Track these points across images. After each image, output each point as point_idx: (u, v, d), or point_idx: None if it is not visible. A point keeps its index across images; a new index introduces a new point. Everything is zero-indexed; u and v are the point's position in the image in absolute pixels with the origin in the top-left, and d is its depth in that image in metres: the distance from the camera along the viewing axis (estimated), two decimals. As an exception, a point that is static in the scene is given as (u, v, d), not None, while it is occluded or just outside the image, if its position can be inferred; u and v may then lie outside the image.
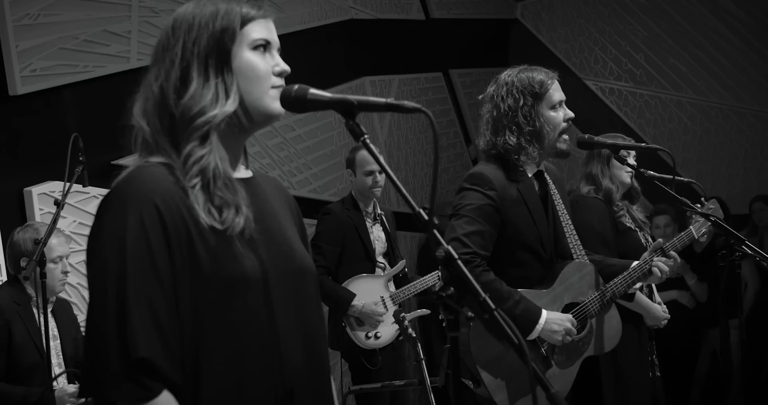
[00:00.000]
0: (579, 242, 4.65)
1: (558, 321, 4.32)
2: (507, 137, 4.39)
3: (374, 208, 6.97)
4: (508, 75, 4.50)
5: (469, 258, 4.19)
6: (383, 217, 6.98)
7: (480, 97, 4.61)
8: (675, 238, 5.07)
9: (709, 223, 5.14)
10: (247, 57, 2.47)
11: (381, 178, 6.80)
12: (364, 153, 6.78)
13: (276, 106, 2.49)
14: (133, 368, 2.22)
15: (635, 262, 4.76)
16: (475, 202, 4.32)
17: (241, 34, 2.48)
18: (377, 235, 6.93)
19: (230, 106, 2.44)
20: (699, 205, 5.15)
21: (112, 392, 2.22)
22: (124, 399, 2.23)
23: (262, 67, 2.48)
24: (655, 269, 4.72)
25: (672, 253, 4.82)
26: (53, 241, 5.41)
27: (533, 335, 4.29)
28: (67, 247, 5.53)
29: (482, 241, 4.28)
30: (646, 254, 4.79)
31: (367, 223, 6.89)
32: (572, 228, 4.65)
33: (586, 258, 4.65)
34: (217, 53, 2.46)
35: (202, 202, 2.37)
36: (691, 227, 5.22)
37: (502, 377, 4.21)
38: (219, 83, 2.44)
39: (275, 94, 2.48)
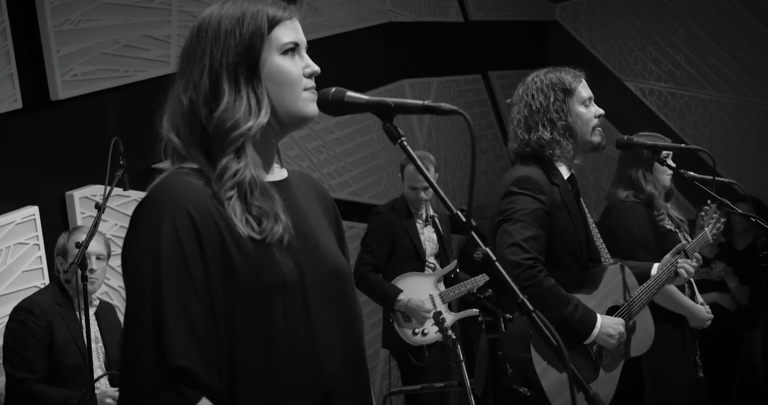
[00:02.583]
0: (604, 245, 4.68)
1: (612, 325, 4.32)
2: (541, 132, 4.40)
3: (426, 210, 7.03)
4: (535, 75, 4.54)
5: (532, 263, 4.18)
6: (436, 220, 7.05)
7: (508, 101, 4.62)
8: (693, 241, 5.10)
9: (720, 225, 5.34)
10: (277, 63, 2.45)
11: (425, 195, 6.88)
12: (411, 168, 6.85)
13: (309, 109, 2.47)
14: (171, 377, 2.22)
15: (656, 265, 4.76)
16: (528, 206, 4.31)
17: (269, 39, 2.45)
18: (428, 236, 7.01)
19: (264, 117, 2.42)
20: (706, 208, 5.22)
21: (150, 402, 2.23)
22: None
23: (293, 71, 2.46)
24: (681, 271, 4.77)
25: (696, 254, 4.85)
26: (82, 237, 5.44)
27: (590, 339, 4.29)
28: (100, 246, 5.51)
29: (539, 245, 4.27)
30: (668, 256, 4.79)
31: (417, 224, 6.98)
32: (597, 230, 4.67)
33: (612, 260, 4.67)
34: (247, 63, 2.43)
35: (240, 212, 2.36)
36: (705, 229, 5.24)
37: (560, 382, 4.21)
38: (250, 94, 2.42)
39: (308, 96, 2.46)
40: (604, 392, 4.43)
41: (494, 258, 2.26)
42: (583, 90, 4.49)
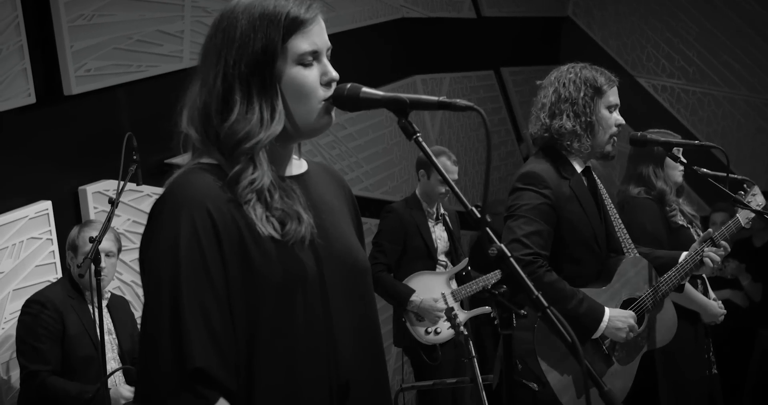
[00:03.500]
0: (628, 236, 4.65)
1: (621, 318, 4.31)
2: (564, 121, 4.37)
3: (437, 208, 7.01)
4: (572, 66, 4.50)
5: (531, 258, 4.18)
6: (446, 217, 7.04)
7: (539, 82, 4.58)
8: (723, 228, 5.04)
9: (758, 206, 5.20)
10: (292, 75, 2.39)
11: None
12: (444, 159, 6.84)
13: (322, 123, 2.44)
14: (188, 378, 2.22)
15: (684, 253, 4.75)
16: (530, 201, 4.30)
17: (285, 49, 2.38)
18: (439, 235, 6.99)
19: (277, 125, 2.37)
20: (742, 192, 5.14)
21: (168, 402, 2.23)
22: None
23: (308, 83, 2.40)
24: (706, 259, 4.72)
25: (722, 242, 4.80)
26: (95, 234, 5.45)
27: (598, 333, 4.28)
28: (109, 244, 5.52)
29: (541, 240, 4.25)
30: (695, 245, 4.77)
31: (429, 222, 6.95)
32: (620, 222, 4.65)
33: (636, 251, 4.65)
34: (260, 75, 2.37)
35: (260, 213, 2.33)
36: (737, 215, 5.19)
37: (568, 378, 4.20)
38: (264, 105, 2.37)
39: (322, 109, 2.42)
40: (619, 385, 4.42)
41: (509, 254, 2.26)
42: (612, 95, 4.46)
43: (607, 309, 4.29)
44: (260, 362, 2.31)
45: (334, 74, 2.44)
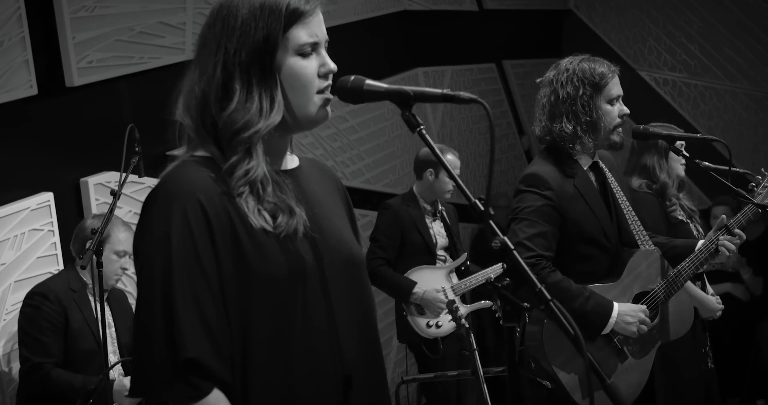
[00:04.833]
0: (642, 228, 4.63)
1: (631, 313, 4.30)
2: (564, 124, 4.36)
3: (434, 204, 6.99)
4: (570, 62, 4.46)
5: (534, 261, 4.18)
6: (443, 213, 7.01)
7: (538, 80, 4.56)
8: (739, 214, 4.98)
9: None
10: (291, 65, 2.40)
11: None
12: (451, 157, 6.81)
13: (319, 114, 2.44)
14: (181, 368, 2.22)
15: (701, 242, 4.72)
16: (533, 203, 4.30)
17: (286, 39, 2.40)
18: (438, 231, 6.97)
19: (276, 116, 2.38)
20: (753, 184, 5.09)
21: (162, 393, 2.24)
22: (175, 399, 2.25)
23: (308, 72, 2.41)
24: (722, 248, 4.67)
25: (737, 230, 4.74)
26: (122, 235, 5.46)
27: (607, 329, 4.27)
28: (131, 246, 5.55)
29: (545, 242, 4.26)
30: (711, 233, 4.74)
31: (426, 219, 6.91)
32: (633, 214, 4.62)
33: (651, 243, 4.63)
34: (260, 64, 2.38)
35: (252, 205, 2.34)
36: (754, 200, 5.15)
37: (578, 376, 4.20)
38: (263, 95, 2.38)
39: (319, 100, 2.43)
40: (635, 379, 4.42)
41: (512, 246, 2.26)
42: (614, 87, 4.43)
43: (616, 304, 4.28)
44: (255, 356, 2.32)
45: (332, 66, 2.46)
